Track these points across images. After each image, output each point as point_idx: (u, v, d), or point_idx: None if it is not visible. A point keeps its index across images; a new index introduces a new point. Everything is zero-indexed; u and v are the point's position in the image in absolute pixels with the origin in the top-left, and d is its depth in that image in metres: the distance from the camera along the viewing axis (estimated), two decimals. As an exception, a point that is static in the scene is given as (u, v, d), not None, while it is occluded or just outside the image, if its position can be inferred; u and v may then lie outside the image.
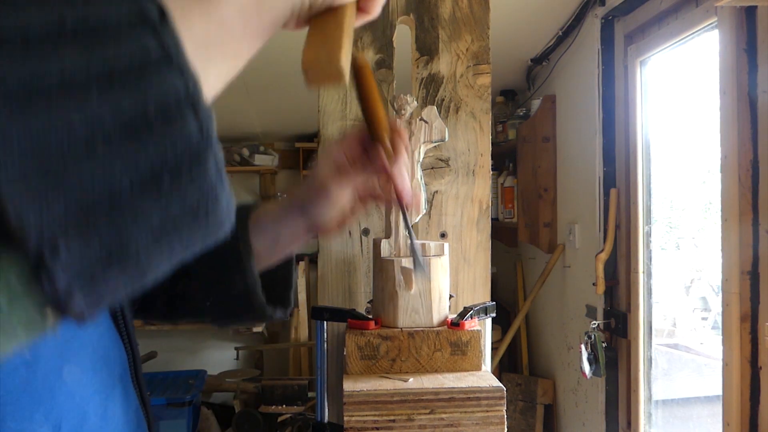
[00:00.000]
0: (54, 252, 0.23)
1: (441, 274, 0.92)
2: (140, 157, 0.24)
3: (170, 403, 3.17)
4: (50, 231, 0.22)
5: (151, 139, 0.24)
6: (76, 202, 0.23)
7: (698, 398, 2.31)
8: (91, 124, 0.23)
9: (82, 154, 0.23)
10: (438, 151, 1.21)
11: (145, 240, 0.25)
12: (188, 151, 0.25)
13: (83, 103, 0.23)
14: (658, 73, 2.14)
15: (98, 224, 0.24)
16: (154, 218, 0.25)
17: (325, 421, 1.12)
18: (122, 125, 0.24)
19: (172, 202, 0.25)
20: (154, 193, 0.25)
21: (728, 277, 1.61)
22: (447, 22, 1.22)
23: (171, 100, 0.25)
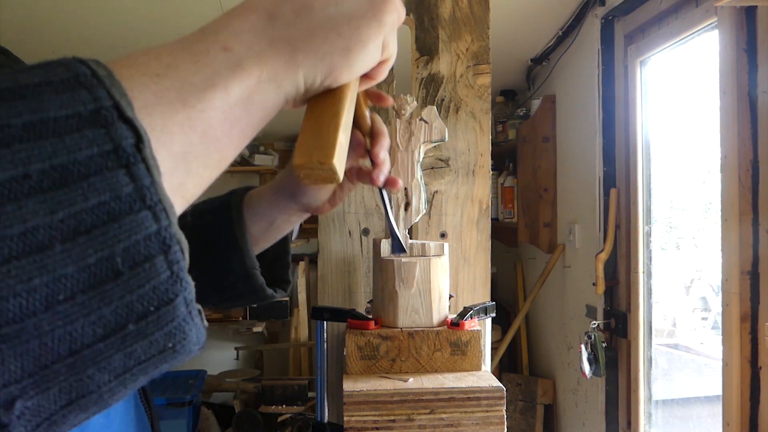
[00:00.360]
0: (9, 410, 0.22)
1: (441, 274, 0.92)
2: (104, 310, 0.23)
3: (170, 403, 3.17)
4: (6, 392, 0.22)
5: (117, 290, 0.23)
6: (34, 361, 0.22)
7: (698, 398, 2.31)
8: (52, 284, 0.22)
9: (41, 315, 0.22)
10: (438, 151, 1.21)
11: (107, 381, 0.24)
12: (157, 297, 0.24)
13: (45, 264, 0.22)
14: (658, 73, 2.14)
15: (58, 377, 0.23)
16: (117, 363, 0.24)
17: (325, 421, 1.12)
18: (86, 280, 0.23)
19: (137, 348, 0.25)
20: (117, 342, 0.24)
21: (728, 277, 1.61)
22: (447, 22, 1.22)
23: (141, 246, 0.24)
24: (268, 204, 0.64)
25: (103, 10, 2.17)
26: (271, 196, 0.64)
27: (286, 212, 0.64)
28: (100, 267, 0.23)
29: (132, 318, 0.24)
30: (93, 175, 0.23)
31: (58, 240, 0.22)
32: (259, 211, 0.64)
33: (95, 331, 0.23)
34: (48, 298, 0.22)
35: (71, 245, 0.22)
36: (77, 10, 2.18)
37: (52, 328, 0.22)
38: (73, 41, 2.41)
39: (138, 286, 0.24)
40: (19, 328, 0.22)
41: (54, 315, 0.22)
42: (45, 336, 0.22)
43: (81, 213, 0.23)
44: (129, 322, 0.24)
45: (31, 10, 2.15)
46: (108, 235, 0.23)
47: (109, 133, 0.23)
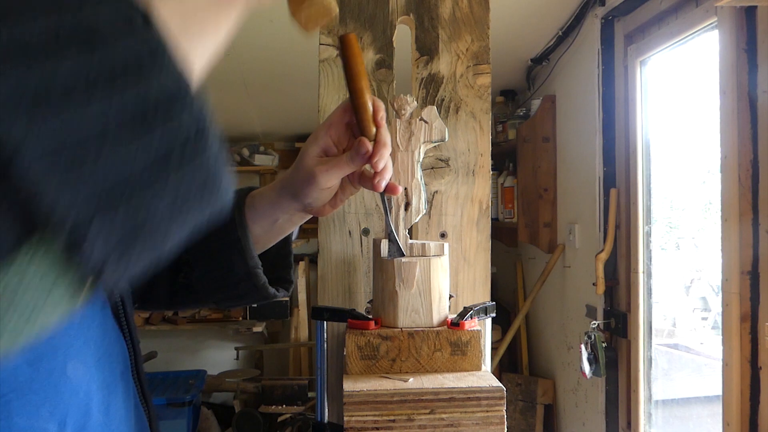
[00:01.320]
0: (86, 228, 0.25)
1: (441, 274, 0.92)
2: (149, 142, 0.27)
3: (170, 403, 3.17)
4: (80, 210, 0.25)
5: (156, 126, 0.27)
6: (98, 183, 0.26)
7: (698, 398, 2.31)
8: (102, 118, 0.26)
9: (97, 142, 0.26)
10: (438, 151, 1.21)
11: (163, 212, 0.28)
12: (188, 132, 0.29)
13: (93, 100, 0.25)
14: (658, 73, 2.14)
15: (122, 202, 0.26)
16: (168, 194, 0.28)
17: (325, 421, 1.12)
18: (129, 117, 0.26)
19: (182, 180, 0.29)
20: (165, 172, 0.28)
21: (728, 277, 1.61)
22: (447, 22, 1.22)
23: (167, 90, 0.28)
24: (271, 204, 0.65)
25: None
26: (274, 196, 0.65)
27: (288, 212, 0.65)
28: (136, 106, 0.27)
29: (174, 149, 0.28)
30: (116, 35, 0.27)
31: (98, 81, 0.26)
32: (261, 210, 0.64)
33: (144, 160, 0.27)
34: (100, 129, 0.26)
35: (109, 86, 0.26)
36: None
37: (110, 154, 0.26)
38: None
39: (172, 123, 0.28)
40: (83, 153, 0.25)
41: (107, 143, 0.26)
42: (105, 161, 0.26)
43: (112, 61, 0.26)
44: (172, 152, 0.28)
45: None
46: (138, 81, 0.27)
47: (125, 7, 0.27)
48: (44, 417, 0.40)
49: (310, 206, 0.63)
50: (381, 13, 1.21)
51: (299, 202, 0.63)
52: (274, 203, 0.64)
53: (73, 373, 0.43)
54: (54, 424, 0.40)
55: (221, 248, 0.62)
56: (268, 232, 0.66)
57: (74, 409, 0.43)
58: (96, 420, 0.45)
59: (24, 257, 0.24)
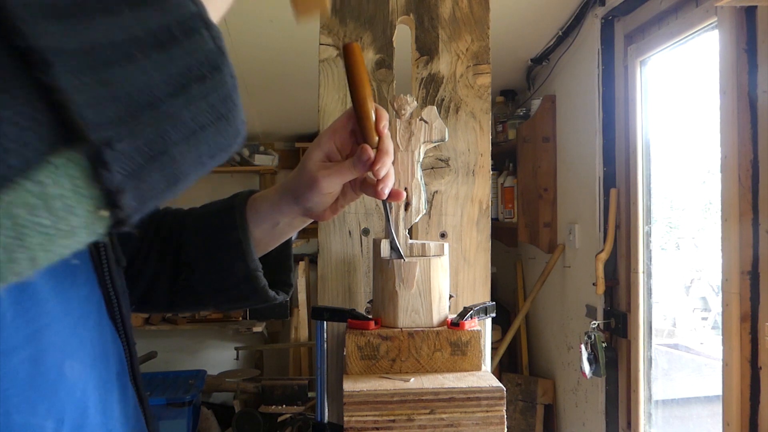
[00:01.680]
0: (111, 148, 0.25)
1: (441, 274, 0.92)
2: (171, 66, 0.28)
3: (170, 403, 3.17)
4: (106, 130, 0.25)
5: (178, 51, 0.28)
6: (124, 105, 0.26)
7: (698, 398, 2.31)
8: (128, 37, 0.26)
9: (124, 63, 0.26)
10: (438, 151, 1.21)
11: (180, 140, 0.29)
12: (208, 61, 0.29)
13: (120, 20, 0.26)
14: (658, 73, 2.14)
15: (143, 124, 0.27)
16: (185, 120, 0.29)
17: (325, 421, 1.12)
18: (153, 39, 0.27)
19: (199, 106, 0.29)
20: (184, 97, 0.28)
21: (728, 277, 1.61)
22: (447, 22, 1.22)
23: (188, 18, 0.29)
24: (272, 207, 0.65)
25: None
26: (275, 199, 0.65)
27: (289, 216, 0.65)
28: (161, 31, 0.27)
29: (193, 77, 0.29)
30: None
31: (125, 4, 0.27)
32: (262, 214, 0.65)
33: (166, 85, 0.28)
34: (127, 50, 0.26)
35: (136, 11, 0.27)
36: None
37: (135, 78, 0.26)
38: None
39: (193, 50, 0.29)
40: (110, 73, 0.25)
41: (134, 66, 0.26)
42: (129, 82, 0.26)
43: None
44: (191, 80, 0.28)
45: None
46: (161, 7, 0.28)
47: None
48: (41, 414, 0.40)
49: (311, 210, 0.64)
50: (381, 13, 1.21)
51: (300, 206, 0.63)
52: (276, 206, 0.65)
53: (70, 371, 0.43)
54: (51, 421, 0.40)
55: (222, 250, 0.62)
56: (269, 236, 0.66)
57: (71, 407, 0.43)
58: (93, 419, 0.45)
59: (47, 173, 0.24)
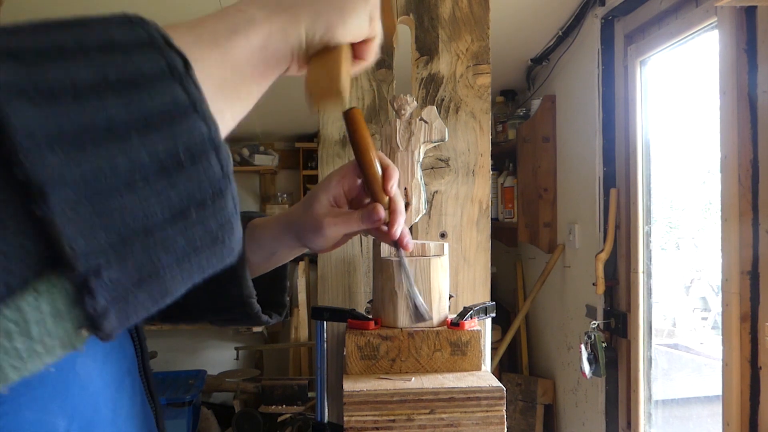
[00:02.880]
0: (97, 276, 0.25)
1: (441, 274, 0.92)
2: (172, 193, 0.28)
3: (170, 403, 3.17)
4: (95, 258, 0.25)
5: (182, 177, 0.28)
6: (117, 233, 0.26)
7: (698, 398, 2.31)
8: (132, 166, 0.26)
9: (124, 191, 0.26)
10: (438, 151, 1.21)
11: (171, 264, 0.28)
12: (212, 188, 0.29)
13: (125, 147, 0.26)
14: (658, 73, 2.14)
15: (134, 251, 0.26)
16: (179, 245, 0.28)
17: (325, 421, 1.12)
18: (157, 165, 0.27)
19: (196, 232, 0.29)
20: (181, 224, 0.28)
21: (728, 277, 1.61)
22: (447, 22, 1.22)
23: (197, 143, 0.28)
24: (272, 238, 0.65)
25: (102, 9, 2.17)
26: (276, 233, 0.65)
27: (288, 246, 0.65)
28: (167, 157, 0.27)
29: (193, 204, 0.28)
30: (156, 83, 0.28)
31: (134, 130, 0.27)
32: (261, 242, 0.65)
33: (164, 213, 0.27)
34: (128, 177, 0.26)
35: (144, 136, 0.27)
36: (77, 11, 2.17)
37: (131, 205, 0.26)
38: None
39: (197, 176, 0.28)
40: (106, 200, 0.25)
41: (133, 193, 0.26)
42: (125, 211, 0.26)
43: (149, 112, 0.27)
44: (191, 206, 0.28)
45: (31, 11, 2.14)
46: (172, 131, 0.28)
47: (163, 54, 0.29)
48: (53, 412, 0.40)
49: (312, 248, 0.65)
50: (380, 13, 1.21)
51: (301, 242, 0.64)
52: (276, 239, 0.65)
53: (82, 369, 0.43)
54: (63, 419, 0.40)
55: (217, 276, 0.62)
56: (266, 262, 0.67)
57: (82, 404, 0.43)
58: (104, 416, 0.45)
59: (28, 299, 0.24)
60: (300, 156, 4.33)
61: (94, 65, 0.26)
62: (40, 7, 2.13)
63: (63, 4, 2.13)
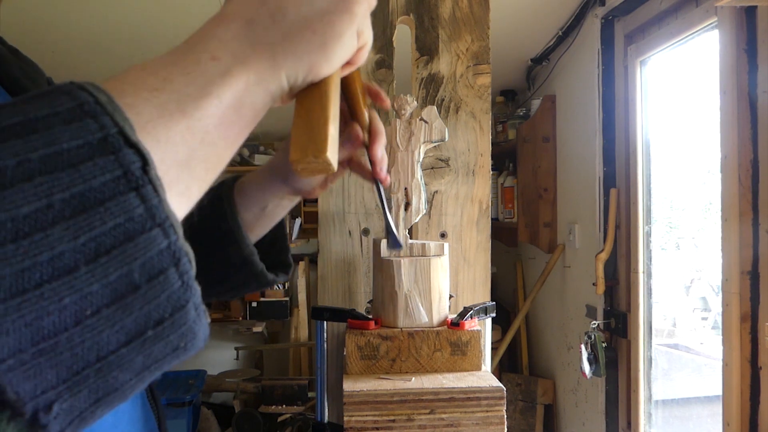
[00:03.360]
0: (48, 412, 0.24)
1: (441, 274, 0.92)
2: (127, 321, 0.26)
3: (170, 403, 3.17)
4: (45, 398, 0.24)
5: (137, 301, 0.26)
6: (67, 369, 0.25)
7: (698, 398, 2.31)
8: (80, 302, 0.24)
9: (72, 329, 0.24)
10: (438, 151, 1.21)
11: (129, 380, 0.27)
12: (170, 304, 0.27)
13: (73, 284, 0.24)
14: (658, 73, 2.14)
15: (88, 381, 0.25)
16: (137, 364, 0.27)
17: (325, 421, 1.12)
18: (109, 295, 0.25)
19: (155, 348, 0.27)
20: (138, 346, 0.27)
21: (728, 277, 1.61)
22: (447, 22, 1.22)
23: (154, 260, 0.26)
24: (260, 189, 0.64)
25: (103, 10, 2.17)
26: (262, 182, 0.64)
27: (278, 196, 0.64)
28: (121, 282, 0.25)
29: (150, 324, 0.27)
30: (108, 200, 0.25)
31: (83, 262, 0.25)
32: (251, 196, 0.64)
33: (119, 339, 0.26)
34: (77, 314, 0.25)
35: (94, 266, 0.25)
36: (77, 10, 2.18)
37: (82, 340, 0.25)
38: (74, 41, 2.41)
39: (154, 296, 0.27)
40: (54, 342, 0.24)
41: (83, 328, 0.25)
42: (76, 347, 0.25)
43: (101, 236, 0.25)
44: (148, 328, 0.27)
45: (31, 11, 2.15)
46: (126, 253, 0.26)
47: (118, 159, 0.26)
48: None
49: (300, 189, 0.63)
50: (381, 12, 1.21)
51: (289, 185, 0.63)
52: (264, 188, 0.64)
53: None
54: None
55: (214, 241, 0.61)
56: (260, 218, 0.66)
57: None
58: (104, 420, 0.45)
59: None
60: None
61: (36, 191, 0.24)
62: (39, 8, 2.13)
63: (60, 4, 2.13)
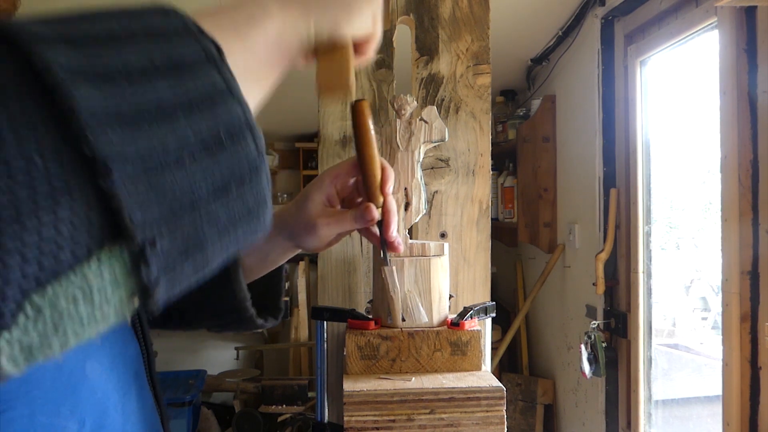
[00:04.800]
0: (152, 247, 0.27)
1: (441, 274, 0.92)
2: (215, 170, 0.30)
3: (170, 403, 3.17)
4: (150, 230, 0.27)
5: (223, 155, 0.30)
6: (168, 206, 0.28)
7: (698, 398, 2.31)
8: (180, 144, 0.28)
9: (174, 168, 0.28)
10: (438, 151, 1.21)
11: (214, 236, 0.30)
12: (249, 165, 0.31)
13: (174, 127, 0.28)
14: (658, 73, 2.14)
15: (183, 224, 0.28)
16: (221, 218, 0.30)
17: (325, 421, 1.12)
18: (202, 144, 0.29)
19: (236, 206, 0.31)
20: (223, 198, 0.30)
21: (728, 277, 1.61)
22: (447, 22, 1.22)
23: (235, 124, 0.31)
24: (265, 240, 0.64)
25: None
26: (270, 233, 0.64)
27: (281, 247, 0.66)
28: (210, 136, 0.29)
29: (234, 180, 0.30)
30: (196, 68, 0.30)
31: (180, 110, 0.28)
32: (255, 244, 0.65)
33: (208, 188, 0.29)
34: (177, 153, 0.28)
35: (188, 114, 0.29)
36: (77, 10, 2.18)
37: (181, 180, 0.28)
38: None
39: (236, 154, 0.30)
40: (159, 177, 0.27)
41: (181, 168, 0.28)
42: (175, 186, 0.28)
43: (193, 94, 0.29)
44: (232, 182, 0.30)
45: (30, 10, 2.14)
46: (214, 113, 0.30)
47: (199, 42, 0.31)
48: (65, 415, 0.40)
49: (306, 247, 0.65)
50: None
51: (294, 242, 0.64)
52: (269, 239, 0.65)
53: (91, 372, 0.44)
54: (74, 422, 0.41)
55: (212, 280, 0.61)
56: (260, 265, 0.67)
57: (92, 408, 0.43)
58: (113, 419, 0.46)
59: (91, 267, 0.26)
60: (300, 156, 4.33)
61: (141, 51, 0.28)
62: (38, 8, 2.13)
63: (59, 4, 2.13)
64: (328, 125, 1.23)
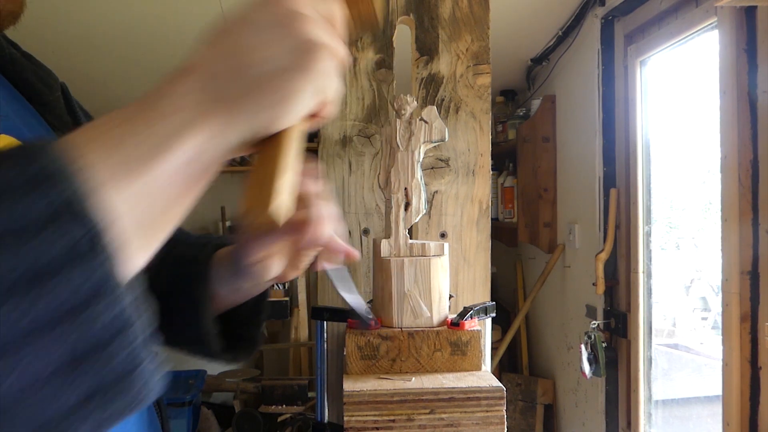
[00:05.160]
0: None
1: (441, 274, 0.92)
2: (80, 384, 0.27)
3: (170, 403, 3.17)
4: None
5: (89, 370, 0.27)
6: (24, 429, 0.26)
7: (698, 398, 2.31)
8: (37, 366, 0.26)
9: (29, 394, 0.26)
10: (438, 151, 1.21)
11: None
12: (123, 372, 0.28)
13: (32, 347, 0.26)
14: (658, 73, 2.14)
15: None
16: (88, 423, 0.28)
17: (325, 421, 1.12)
18: (62, 362, 0.26)
19: (104, 410, 0.28)
20: (88, 409, 0.27)
21: (728, 277, 1.61)
22: (447, 22, 1.22)
23: (108, 331, 0.27)
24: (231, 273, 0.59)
25: (103, 10, 2.17)
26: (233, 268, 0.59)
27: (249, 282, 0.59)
28: (63, 356, 0.27)
29: (96, 392, 0.28)
30: (58, 274, 0.26)
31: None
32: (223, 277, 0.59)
33: (70, 403, 0.27)
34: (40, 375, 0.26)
35: (40, 340, 0.26)
36: (77, 10, 2.18)
37: (35, 403, 0.26)
38: (73, 40, 2.41)
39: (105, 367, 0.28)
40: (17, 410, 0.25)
41: (34, 394, 0.26)
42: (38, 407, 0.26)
43: (55, 310, 0.26)
44: (104, 385, 0.28)
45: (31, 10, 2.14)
46: (72, 328, 0.27)
47: (69, 230, 0.27)
48: None
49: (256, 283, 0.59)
50: (381, 13, 1.21)
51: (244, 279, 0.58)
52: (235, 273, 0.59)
53: None
54: None
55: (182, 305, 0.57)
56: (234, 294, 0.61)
57: None
58: None
59: None
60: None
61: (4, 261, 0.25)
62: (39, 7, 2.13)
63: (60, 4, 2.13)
64: (328, 125, 1.23)
